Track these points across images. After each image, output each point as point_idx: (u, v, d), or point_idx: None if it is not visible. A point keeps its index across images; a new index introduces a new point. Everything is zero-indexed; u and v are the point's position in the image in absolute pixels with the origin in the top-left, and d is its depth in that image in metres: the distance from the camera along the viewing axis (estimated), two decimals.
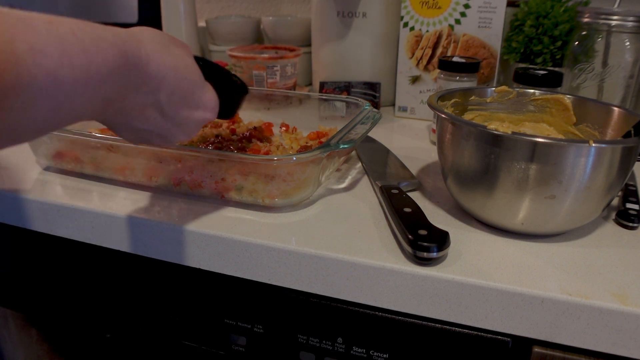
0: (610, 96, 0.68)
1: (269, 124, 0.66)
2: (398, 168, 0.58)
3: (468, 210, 0.47)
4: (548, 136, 0.49)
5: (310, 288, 0.44)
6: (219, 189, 0.49)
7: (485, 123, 0.49)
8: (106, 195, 0.52)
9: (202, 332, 0.53)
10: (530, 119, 0.54)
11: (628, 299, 0.36)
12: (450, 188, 0.48)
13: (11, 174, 0.58)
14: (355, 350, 0.46)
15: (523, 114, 0.55)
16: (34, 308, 0.63)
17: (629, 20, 0.64)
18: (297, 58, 0.86)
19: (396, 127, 0.79)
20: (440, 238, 0.40)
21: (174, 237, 0.47)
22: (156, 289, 0.53)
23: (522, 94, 0.54)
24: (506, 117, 0.55)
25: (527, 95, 0.54)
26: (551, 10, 0.75)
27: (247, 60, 0.84)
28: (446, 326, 0.42)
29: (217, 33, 1.08)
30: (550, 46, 0.76)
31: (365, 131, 0.53)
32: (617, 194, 0.44)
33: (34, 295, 0.62)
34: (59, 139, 0.55)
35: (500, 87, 0.54)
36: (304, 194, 0.49)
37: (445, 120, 0.45)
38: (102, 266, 0.55)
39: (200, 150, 0.48)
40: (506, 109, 0.55)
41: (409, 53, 0.80)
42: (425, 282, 0.40)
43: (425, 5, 0.76)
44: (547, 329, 0.38)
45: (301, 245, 0.43)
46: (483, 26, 0.74)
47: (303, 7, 1.18)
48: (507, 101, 0.55)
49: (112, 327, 0.59)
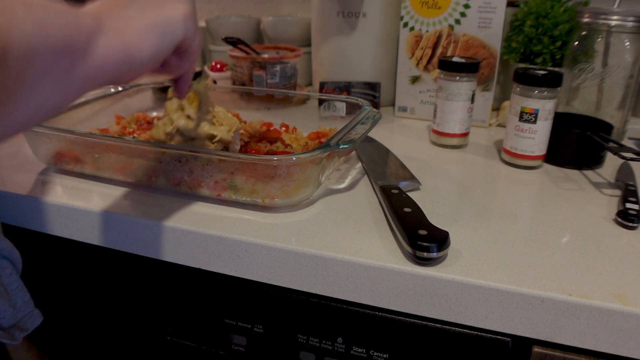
0: (610, 96, 0.68)
1: (276, 130, 0.66)
2: (398, 168, 0.58)
3: None
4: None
5: (310, 288, 0.44)
6: (219, 189, 0.49)
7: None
8: (106, 195, 0.52)
9: (202, 332, 0.53)
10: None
11: (628, 299, 0.36)
12: None
13: (11, 174, 0.58)
14: (355, 350, 0.46)
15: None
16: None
17: (629, 20, 0.64)
18: (297, 58, 0.86)
19: (396, 127, 0.79)
20: (440, 238, 0.40)
21: (173, 237, 0.47)
22: (156, 289, 0.53)
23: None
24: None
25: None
26: (551, 10, 0.75)
27: (247, 61, 0.84)
28: (446, 326, 0.42)
29: (217, 33, 1.08)
30: (550, 46, 0.76)
31: (365, 131, 0.53)
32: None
33: (33, 295, 0.62)
34: (59, 139, 0.55)
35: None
36: (304, 194, 0.49)
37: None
38: (102, 266, 0.55)
39: (200, 150, 0.48)
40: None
41: (409, 53, 0.80)
42: (425, 282, 0.40)
43: (425, 5, 0.76)
44: (547, 329, 0.38)
45: (301, 245, 0.43)
46: (483, 26, 0.74)
47: (303, 7, 1.18)
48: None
49: (112, 327, 0.59)
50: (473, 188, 0.55)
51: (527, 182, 0.58)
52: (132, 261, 0.53)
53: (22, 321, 0.50)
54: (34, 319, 0.51)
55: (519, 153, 0.61)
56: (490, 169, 0.61)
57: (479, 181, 0.57)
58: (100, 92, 0.71)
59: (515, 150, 0.61)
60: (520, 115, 0.59)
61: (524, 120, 0.59)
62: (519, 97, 0.59)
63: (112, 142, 0.52)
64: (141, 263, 0.52)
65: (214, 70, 0.95)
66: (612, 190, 0.55)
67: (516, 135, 0.60)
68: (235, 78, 0.89)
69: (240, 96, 0.75)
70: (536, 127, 0.59)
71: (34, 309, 0.52)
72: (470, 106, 0.67)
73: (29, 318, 0.51)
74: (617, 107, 0.68)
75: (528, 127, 0.59)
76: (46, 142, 0.56)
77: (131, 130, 0.66)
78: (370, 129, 0.54)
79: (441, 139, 0.69)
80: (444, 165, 0.63)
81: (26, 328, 0.51)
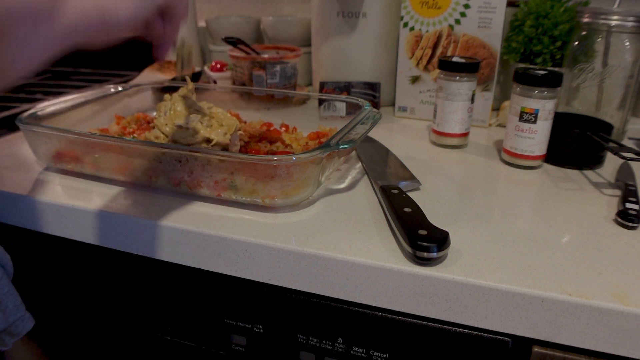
0: (610, 96, 0.68)
1: (276, 130, 0.66)
2: (398, 168, 0.58)
3: None
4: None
5: (310, 288, 0.44)
6: (219, 189, 0.49)
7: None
8: (106, 195, 0.52)
9: (202, 332, 0.53)
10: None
11: (628, 299, 0.36)
12: None
13: (11, 174, 0.58)
14: (355, 350, 0.46)
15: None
16: (33, 308, 0.63)
17: (629, 20, 0.64)
18: (297, 58, 0.86)
19: (396, 127, 0.79)
20: (440, 238, 0.40)
21: (173, 237, 0.47)
22: (156, 289, 0.53)
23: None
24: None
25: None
26: (551, 10, 0.75)
27: (247, 61, 0.84)
28: (446, 326, 0.42)
29: (217, 33, 1.08)
30: (550, 46, 0.76)
31: (365, 131, 0.53)
32: None
33: (33, 295, 0.62)
34: (59, 139, 0.55)
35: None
36: (304, 194, 0.49)
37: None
38: (102, 266, 0.55)
39: (201, 150, 0.48)
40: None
41: (409, 53, 0.80)
42: (425, 282, 0.40)
43: (425, 5, 0.76)
44: (547, 329, 0.38)
45: (301, 245, 0.43)
46: (483, 26, 0.74)
47: (303, 7, 1.18)
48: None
49: (112, 327, 0.59)
50: (473, 188, 0.55)
51: (527, 182, 0.58)
52: (132, 261, 0.53)
53: (12, 326, 0.50)
54: (25, 324, 0.51)
55: (519, 153, 0.61)
56: (490, 169, 0.62)
57: (479, 181, 0.57)
58: (100, 92, 0.71)
59: (515, 150, 0.61)
60: (520, 115, 0.59)
61: (524, 120, 0.59)
62: (519, 97, 0.59)
63: (112, 142, 0.52)
64: (141, 263, 0.52)
65: (214, 70, 0.95)
66: (612, 190, 0.55)
67: (516, 135, 0.60)
68: (235, 78, 0.89)
69: (240, 96, 0.75)
70: (536, 127, 0.59)
71: (25, 313, 0.51)
72: (470, 106, 0.67)
73: (20, 322, 0.50)
74: (617, 107, 0.68)
75: (528, 127, 0.59)
76: (46, 142, 0.56)
77: (131, 130, 0.66)
78: (370, 129, 0.54)
79: (441, 139, 0.69)
80: (444, 165, 0.63)
81: (17, 333, 0.50)
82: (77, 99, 0.66)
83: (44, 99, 0.86)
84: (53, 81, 1.04)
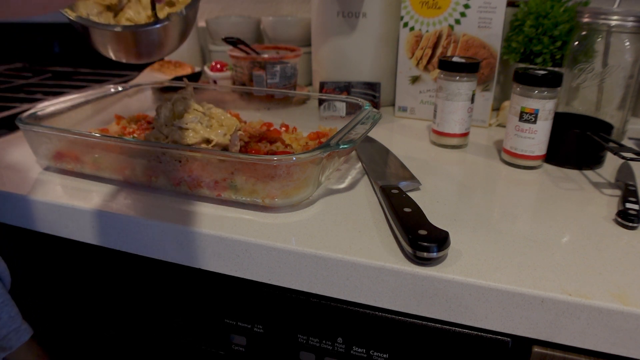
0: (610, 96, 0.68)
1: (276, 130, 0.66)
2: (398, 168, 0.58)
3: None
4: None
5: (310, 288, 0.44)
6: (219, 189, 0.49)
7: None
8: (106, 195, 0.52)
9: (202, 332, 0.53)
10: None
11: (628, 299, 0.36)
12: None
13: (11, 174, 0.58)
14: (355, 350, 0.46)
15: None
16: (33, 307, 0.63)
17: (629, 20, 0.64)
18: (297, 58, 0.86)
19: (396, 127, 0.79)
20: (440, 238, 0.40)
21: (173, 237, 0.47)
22: (156, 289, 0.53)
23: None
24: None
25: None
26: (551, 10, 0.75)
27: (247, 61, 0.84)
28: (446, 326, 0.42)
29: (217, 33, 1.08)
30: (550, 46, 0.76)
31: (365, 131, 0.53)
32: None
33: (33, 295, 0.63)
34: (59, 139, 0.55)
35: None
36: (304, 194, 0.49)
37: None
38: (102, 266, 0.55)
39: (200, 150, 0.48)
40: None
41: (409, 53, 0.80)
42: (425, 282, 0.40)
43: (425, 5, 0.76)
44: (547, 329, 0.38)
45: (301, 245, 0.43)
46: (483, 26, 0.74)
47: (303, 7, 1.18)
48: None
49: (112, 327, 0.59)
50: (473, 188, 0.55)
51: (527, 182, 0.58)
52: (132, 261, 0.53)
53: (6, 338, 0.48)
54: (20, 335, 0.49)
55: (519, 153, 0.61)
56: (490, 169, 0.62)
57: (479, 181, 0.58)
58: (100, 92, 0.71)
59: (515, 150, 0.61)
60: (520, 115, 0.59)
61: (524, 120, 0.59)
62: (519, 97, 0.59)
63: (112, 142, 0.52)
64: (141, 263, 0.52)
65: (214, 70, 0.95)
66: (612, 190, 0.55)
67: (516, 135, 0.60)
68: (235, 78, 0.89)
69: (240, 96, 0.75)
70: (536, 127, 0.59)
71: (22, 324, 0.50)
72: (470, 106, 0.67)
73: (14, 334, 0.49)
74: (617, 107, 0.68)
75: (528, 127, 0.59)
76: (46, 142, 0.56)
77: (131, 130, 0.66)
78: (370, 129, 0.54)
79: (441, 139, 0.69)
80: (444, 165, 0.63)
81: (9, 346, 0.48)
82: (77, 99, 0.66)
83: (44, 99, 0.86)
84: (53, 81, 1.04)
